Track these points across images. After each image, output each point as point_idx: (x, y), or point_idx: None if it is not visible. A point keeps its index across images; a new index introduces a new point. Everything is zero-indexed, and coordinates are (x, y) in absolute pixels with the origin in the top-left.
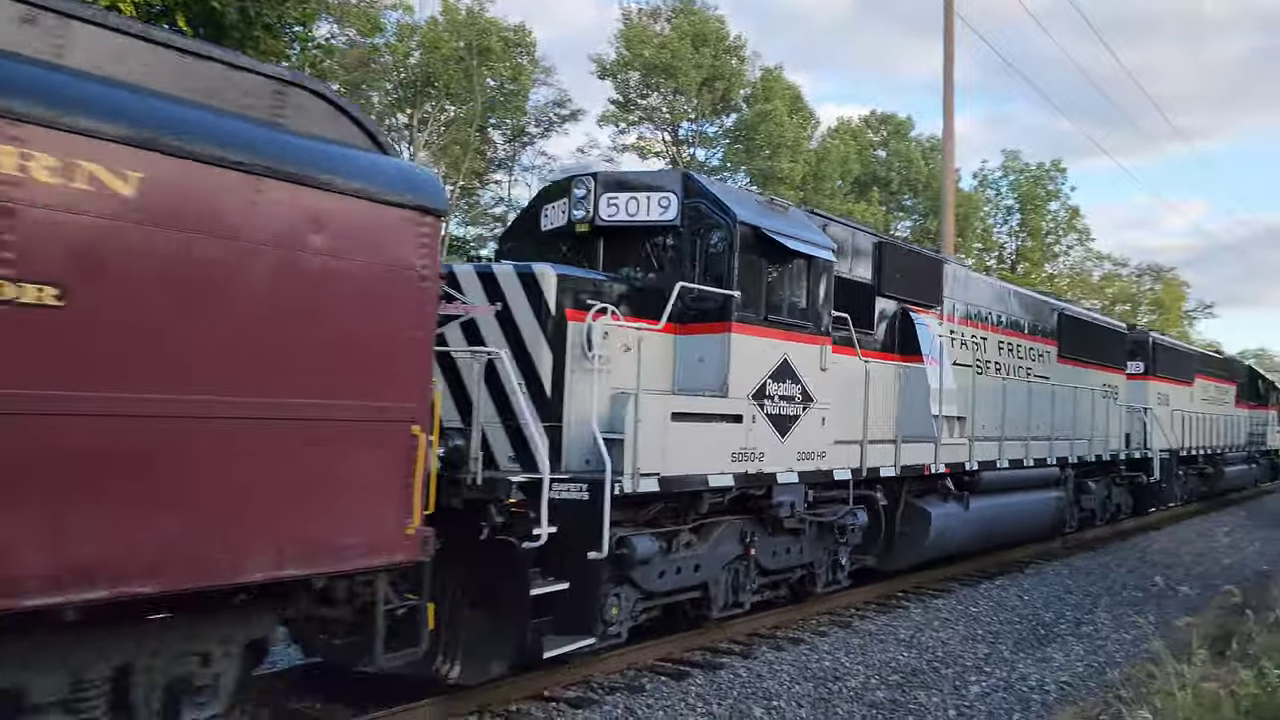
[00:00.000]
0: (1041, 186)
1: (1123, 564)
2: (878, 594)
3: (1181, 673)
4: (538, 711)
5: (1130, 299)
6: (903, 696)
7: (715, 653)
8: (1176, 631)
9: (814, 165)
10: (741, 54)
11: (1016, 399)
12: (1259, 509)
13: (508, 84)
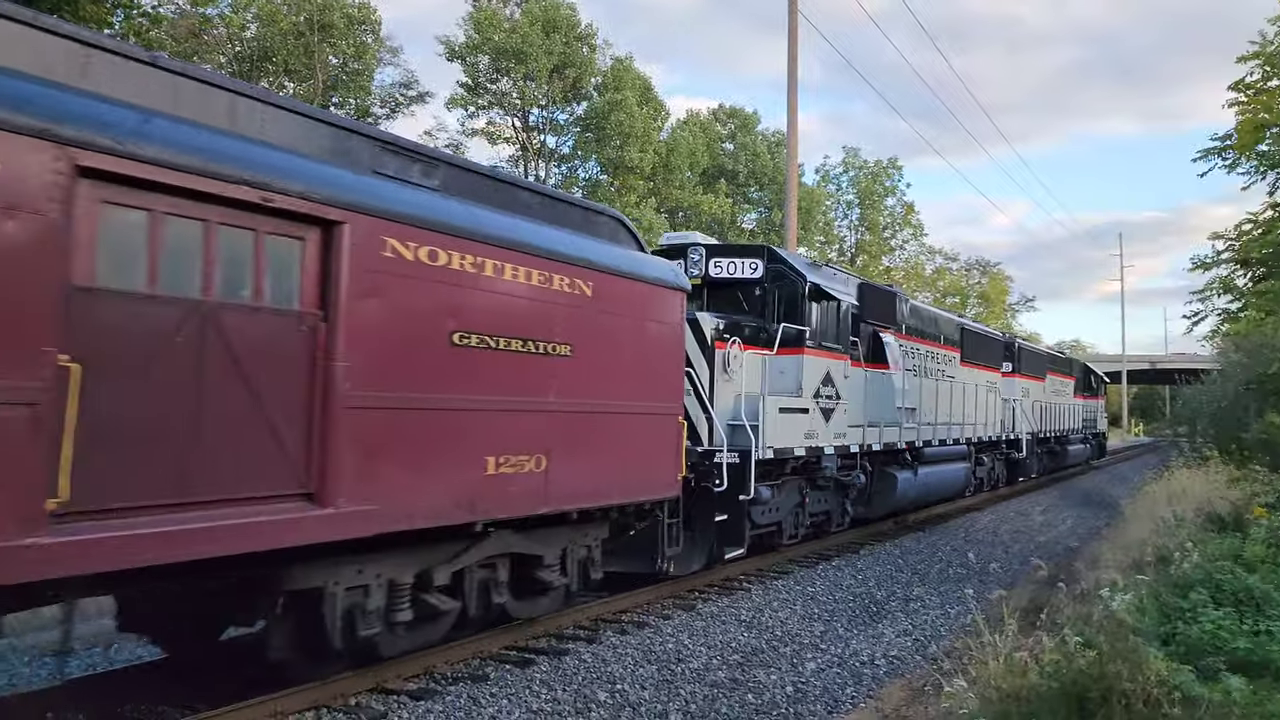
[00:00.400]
0: (879, 183)
1: (949, 543)
2: (721, 577)
3: (995, 643)
4: (378, 704)
5: (960, 292)
6: (743, 675)
7: (561, 639)
8: (994, 605)
9: (664, 156)
10: (592, 42)
11: (941, 394)
12: (1071, 489)
13: (351, 62)
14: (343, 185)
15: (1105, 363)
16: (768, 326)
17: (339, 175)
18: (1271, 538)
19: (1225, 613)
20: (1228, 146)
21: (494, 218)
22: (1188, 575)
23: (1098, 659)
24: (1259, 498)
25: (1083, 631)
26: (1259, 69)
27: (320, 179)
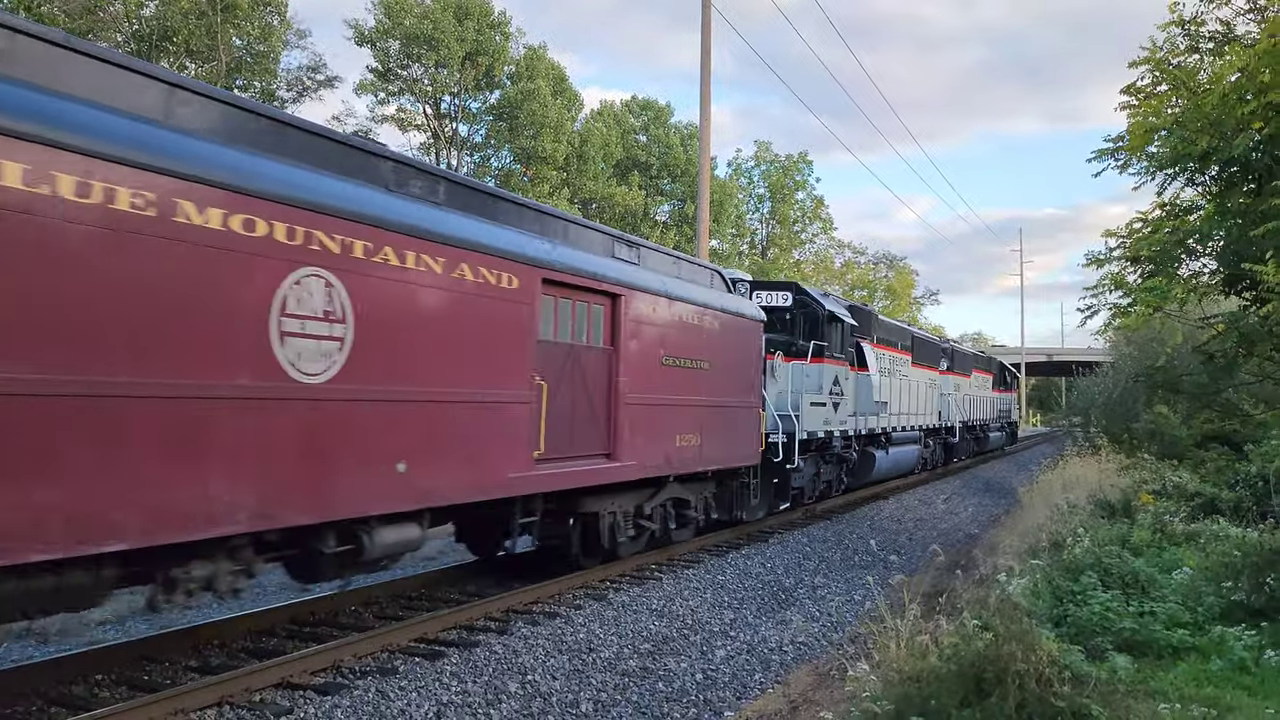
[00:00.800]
0: (790, 177)
1: (855, 531)
2: (633, 566)
3: (897, 628)
4: (283, 700)
5: (867, 285)
6: (653, 664)
7: (471, 630)
8: (896, 591)
9: (577, 147)
10: (506, 30)
11: (900, 391)
12: (972, 479)
13: (256, 44)
14: (624, 274)
15: (1005, 355)
16: (797, 342)
17: (621, 267)
18: (1157, 523)
19: (1113, 595)
20: (1120, 148)
21: (678, 283)
22: (1079, 560)
23: (994, 641)
24: (1147, 485)
25: (980, 615)
26: (1149, 74)
27: (614, 271)
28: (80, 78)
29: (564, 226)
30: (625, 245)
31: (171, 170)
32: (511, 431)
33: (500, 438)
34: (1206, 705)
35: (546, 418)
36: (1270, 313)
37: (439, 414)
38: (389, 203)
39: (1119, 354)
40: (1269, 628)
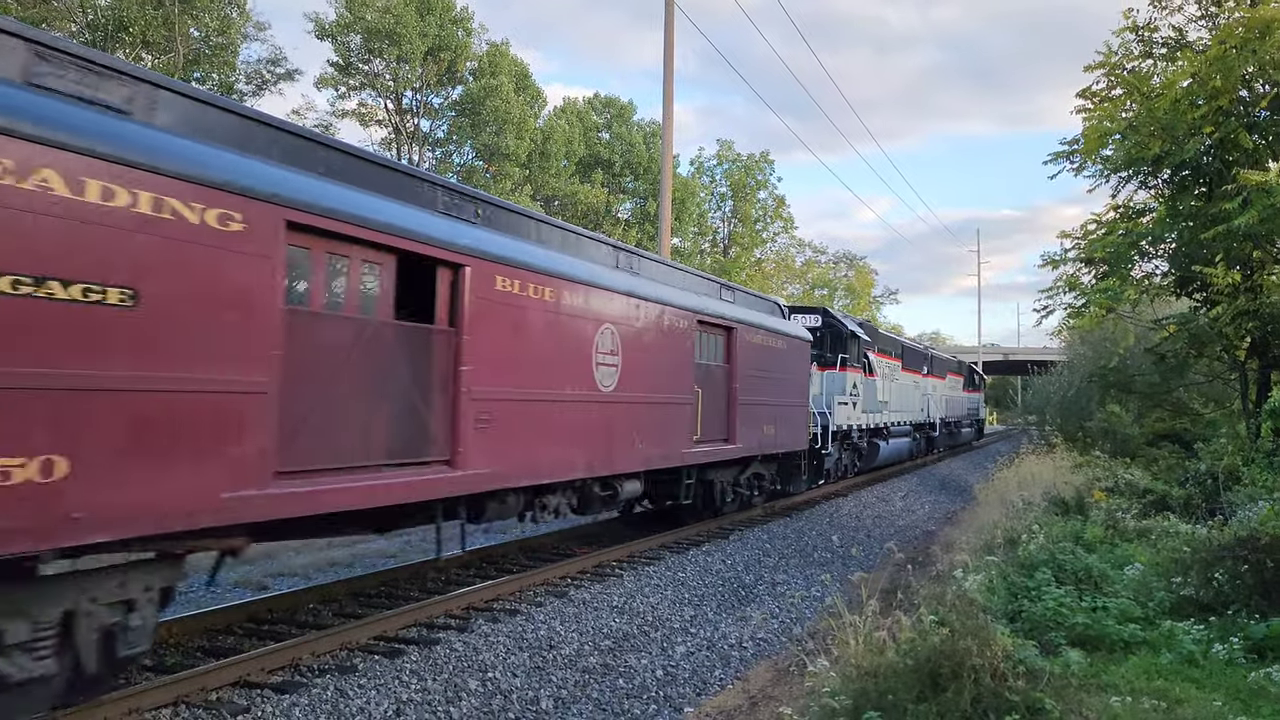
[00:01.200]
0: (752, 176)
1: (814, 528)
2: (594, 563)
3: (855, 624)
4: (240, 699)
5: (827, 284)
6: (614, 661)
7: (432, 628)
8: (854, 587)
9: (539, 144)
10: (468, 25)
11: (895, 392)
12: (929, 476)
13: (214, 36)
14: (733, 313)
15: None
16: (825, 354)
17: (730, 308)
18: (1109, 520)
19: (1066, 591)
20: (1075, 151)
21: (759, 315)
22: (1033, 556)
23: (950, 636)
24: (1099, 482)
25: (937, 610)
26: (1104, 78)
27: (729, 311)
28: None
29: (702, 283)
30: (728, 290)
31: (594, 283)
32: (684, 422)
33: (679, 426)
34: (1156, 698)
35: (701, 414)
36: (1219, 314)
37: (655, 410)
38: (633, 281)
39: (1073, 354)
40: (1217, 622)
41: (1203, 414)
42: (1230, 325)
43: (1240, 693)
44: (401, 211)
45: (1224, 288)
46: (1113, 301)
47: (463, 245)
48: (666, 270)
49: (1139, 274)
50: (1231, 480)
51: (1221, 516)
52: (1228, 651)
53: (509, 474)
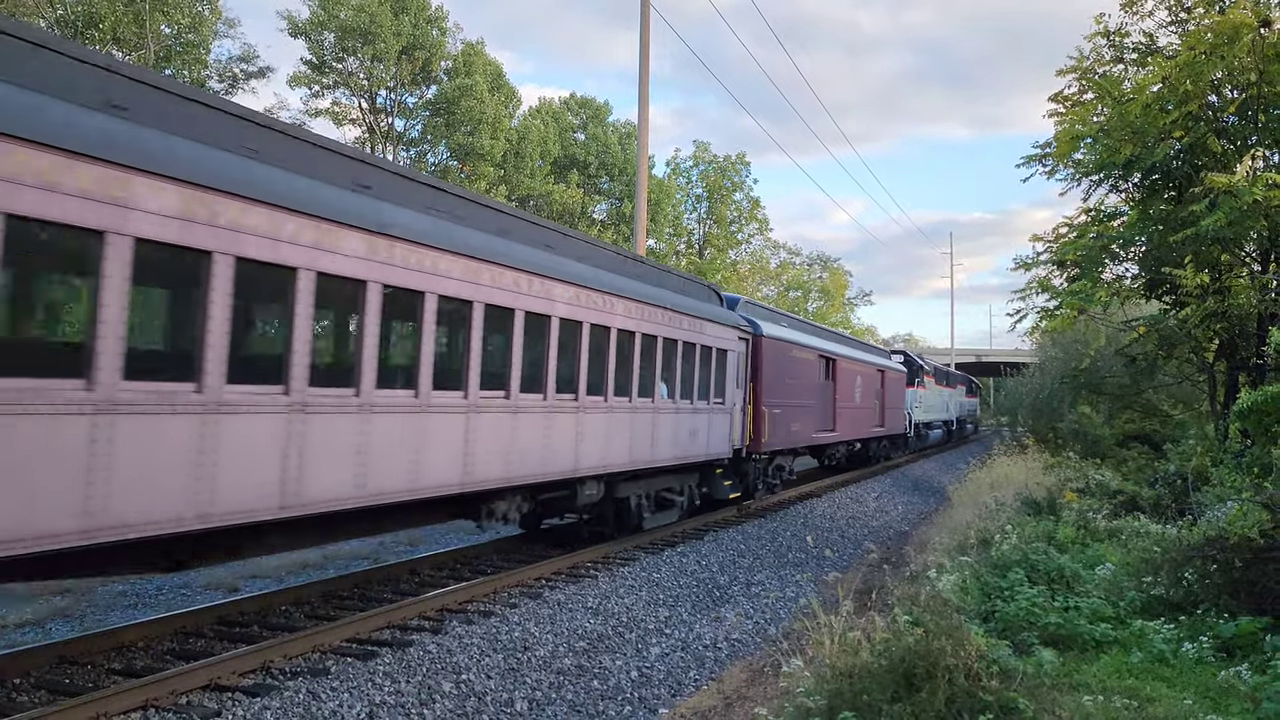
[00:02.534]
0: (728, 178)
1: (789, 529)
2: (569, 564)
3: (830, 624)
4: (210, 702)
5: (802, 286)
6: (589, 662)
7: (405, 630)
8: (829, 588)
9: (515, 144)
10: (443, 25)
11: (935, 400)
12: (902, 477)
13: (186, 33)
14: (882, 362)
15: (935, 355)
16: (911, 379)
17: (886, 362)
18: (1081, 520)
19: (1039, 591)
20: (1047, 154)
21: (895, 362)
22: (1006, 556)
23: (924, 637)
24: (1071, 483)
25: (911, 611)
26: (1076, 82)
27: (878, 360)
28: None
29: (835, 335)
30: (884, 351)
31: (849, 357)
32: (873, 418)
33: (872, 419)
34: (1128, 697)
35: (880, 411)
36: (1189, 316)
37: (864, 411)
38: (855, 350)
39: (1045, 355)
40: (1187, 621)
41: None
42: (1199, 326)
43: (1210, 691)
44: (827, 341)
45: (1193, 289)
46: (1084, 303)
47: (832, 350)
48: (864, 347)
49: (1110, 276)
50: (1200, 481)
51: (1191, 517)
52: (1197, 650)
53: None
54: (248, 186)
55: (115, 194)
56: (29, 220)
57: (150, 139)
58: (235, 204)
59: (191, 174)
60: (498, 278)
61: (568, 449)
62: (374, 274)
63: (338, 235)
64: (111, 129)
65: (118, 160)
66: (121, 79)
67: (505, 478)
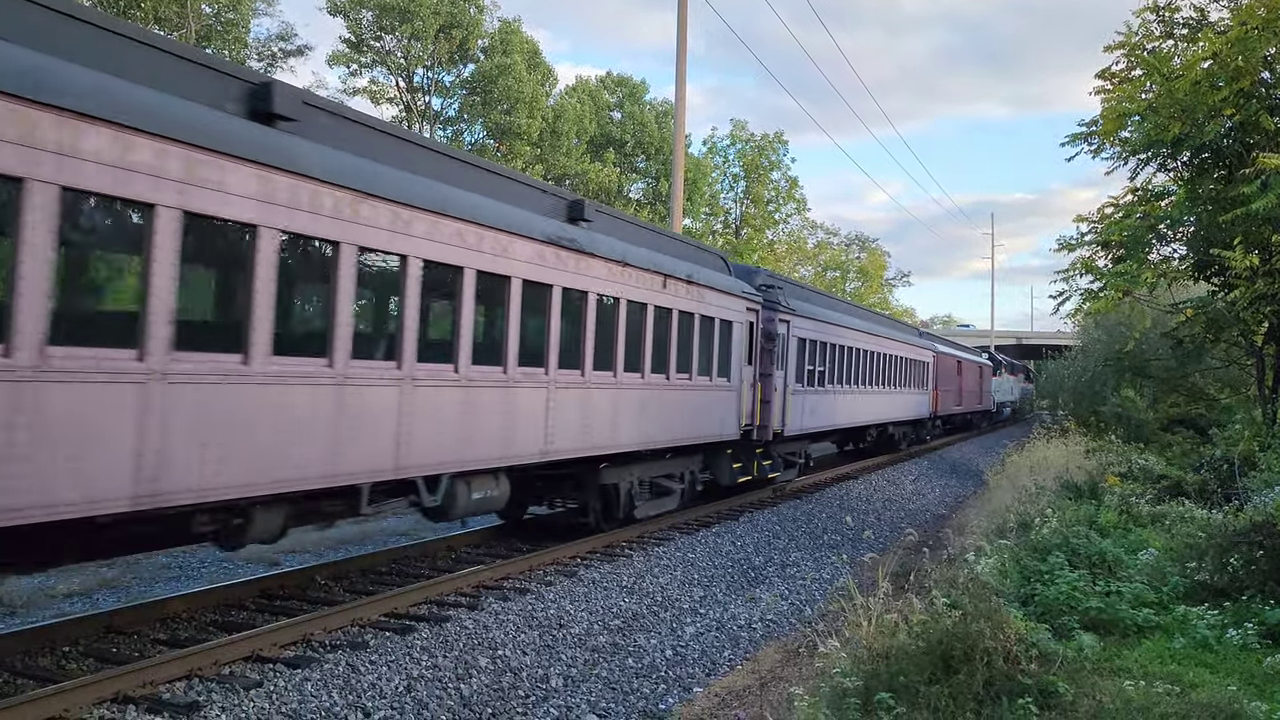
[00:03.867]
0: (765, 156)
1: (824, 511)
2: (604, 543)
3: (868, 605)
4: (252, 673)
5: (840, 266)
6: (624, 640)
7: (442, 605)
8: (866, 569)
9: (551, 123)
10: (480, 3)
11: (1007, 385)
12: (940, 460)
13: (226, 12)
14: (980, 360)
15: (975, 338)
16: (994, 371)
17: (984, 359)
18: (1123, 505)
19: (1080, 575)
20: (1093, 133)
21: (983, 358)
22: (1046, 540)
23: (962, 619)
24: (1113, 467)
25: (949, 594)
26: (1124, 59)
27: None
28: None
29: (974, 350)
30: (930, 337)
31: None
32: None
33: (976, 397)
34: (1170, 682)
35: (982, 393)
36: (1237, 298)
37: (971, 394)
38: (952, 348)
39: (1088, 338)
40: (1231, 607)
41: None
42: (1248, 309)
43: (1255, 678)
44: (965, 351)
45: (1242, 271)
46: (1129, 285)
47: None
48: (967, 350)
49: (1156, 257)
50: (1247, 466)
51: (1237, 502)
52: (1242, 637)
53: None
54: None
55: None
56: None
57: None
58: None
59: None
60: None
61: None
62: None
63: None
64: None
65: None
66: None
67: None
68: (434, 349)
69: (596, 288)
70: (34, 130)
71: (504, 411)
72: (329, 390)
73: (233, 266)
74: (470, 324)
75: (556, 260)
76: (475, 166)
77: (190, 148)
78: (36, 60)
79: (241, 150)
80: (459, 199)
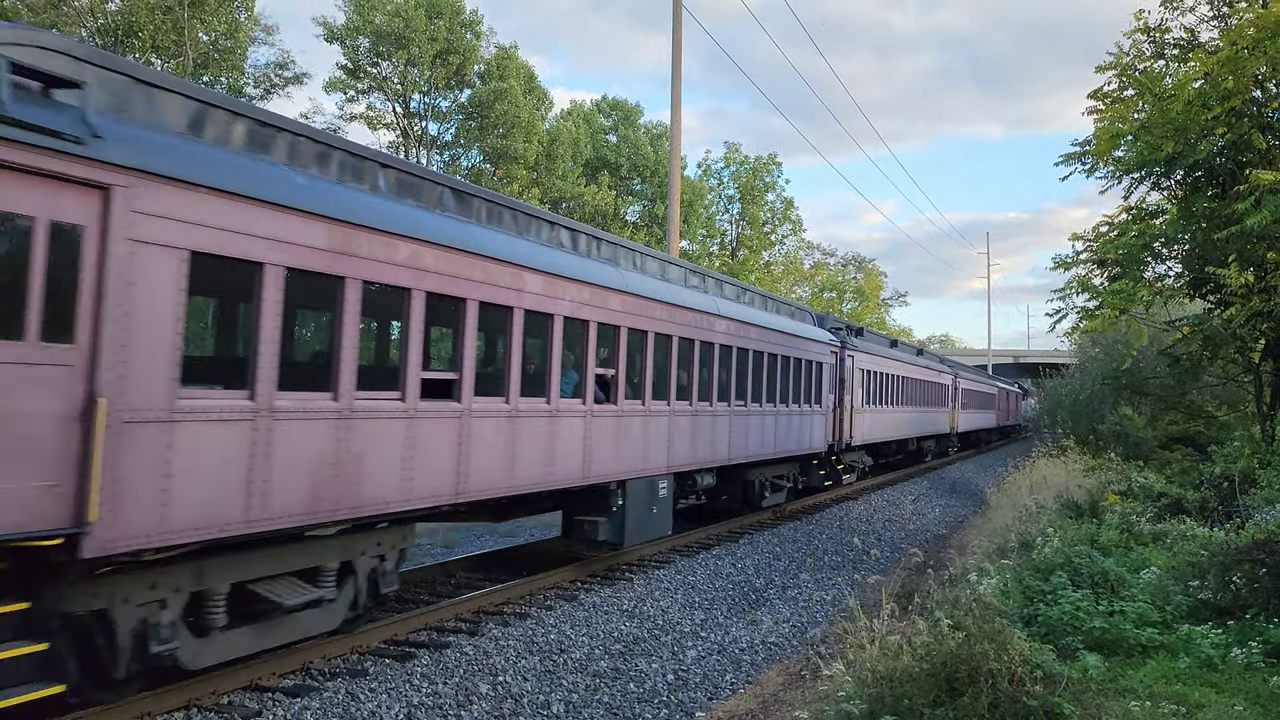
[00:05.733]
0: (760, 178)
1: (824, 531)
2: (604, 567)
3: (871, 627)
4: (251, 703)
5: (836, 287)
6: (625, 665)
7: (441, 631)
8: (868, 591)
9: (547, 146)
10: (477, 29)
11: (1027, 406)
12: (940, 480)
13: (223, 40)
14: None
15: (972, 357)
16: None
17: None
18: (1124, 523)
19: (1083, 594)
20: (1086, 152)
21: (1000, 384)
22: (1049, 560)
23: (966, 640)
24: (1113, 485)
25: (952, 615)
26: (1116, 79)
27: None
28: None
29: (998, 382)
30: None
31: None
32: (992, 416)
33: (1006, 416)
34: (1176, 702)
35: (998, 414)
36: (1233, 315)
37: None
38: (981, 381)
39: (1085, 356)
40: (1235, 626)
41: (1217, 416)
42: (1244, 326)
43: (1260, 697)
44: (996, 381)
45: (1238, 289)
46: (1126, 303)
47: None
48: (999, 380)
49: (1152, 275)
50: (1247, 483)
51: (1238, 519)
52: (1247, 656)
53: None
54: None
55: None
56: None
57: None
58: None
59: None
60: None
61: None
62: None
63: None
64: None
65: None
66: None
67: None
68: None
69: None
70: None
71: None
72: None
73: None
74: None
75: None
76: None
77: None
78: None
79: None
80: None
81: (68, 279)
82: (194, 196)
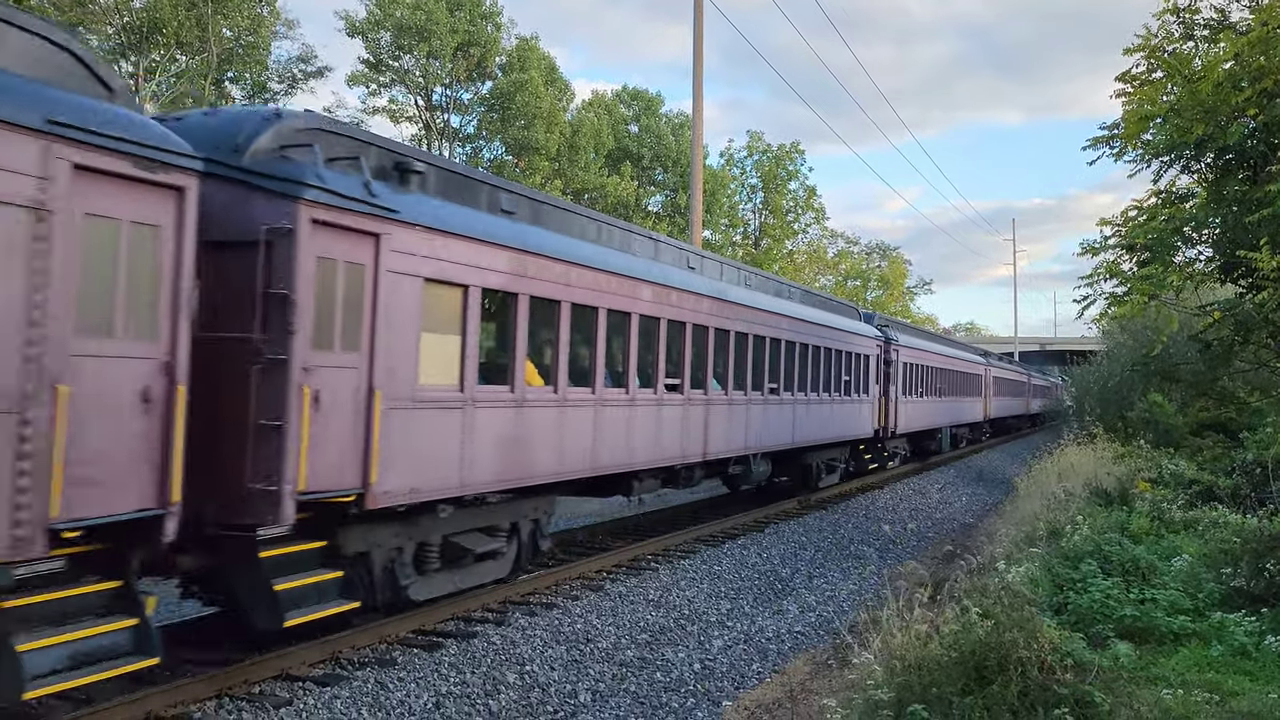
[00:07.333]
0: (782, 167)
1: (850, 520)
2: (629, 557)
3: (901, 615)
4: (282, 692)
5: (860, 275)
6: (651, 654)
7: (469, 621)
8: (895, 580)
9: (568, 137)
10: (498, 20)
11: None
12: (966, 468)
13: (246, 35)
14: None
15: (999, 345)
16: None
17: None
18: (1155, 511)
19: (1113, 582)
20: (1114, 135)
21: (1045, 380)
22: (1078, 548)
23: (995, 629)
24: (1143, 472)
25: (981, 603)
26: (1144, 61)
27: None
28: None
29: (1031, 373)
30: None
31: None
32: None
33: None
34: (1209, 690)
35: (993, 401)
36: (1266, 300)
37: (1014, 401)
38: (1018, 374)
39: (1113, 342)
40: (1269, 613)
41: (1249, 402)
42: (1277, 311)
43: None
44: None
45: (1270, 272)
46: (1155, 288)
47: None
48: (1016, 371)
49: (1182, 260)
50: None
51: (1271, 506)
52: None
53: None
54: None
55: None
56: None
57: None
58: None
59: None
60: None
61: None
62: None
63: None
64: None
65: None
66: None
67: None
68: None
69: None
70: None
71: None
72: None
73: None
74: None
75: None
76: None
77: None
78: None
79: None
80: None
81: (356, 301)
82: (425, 235)
